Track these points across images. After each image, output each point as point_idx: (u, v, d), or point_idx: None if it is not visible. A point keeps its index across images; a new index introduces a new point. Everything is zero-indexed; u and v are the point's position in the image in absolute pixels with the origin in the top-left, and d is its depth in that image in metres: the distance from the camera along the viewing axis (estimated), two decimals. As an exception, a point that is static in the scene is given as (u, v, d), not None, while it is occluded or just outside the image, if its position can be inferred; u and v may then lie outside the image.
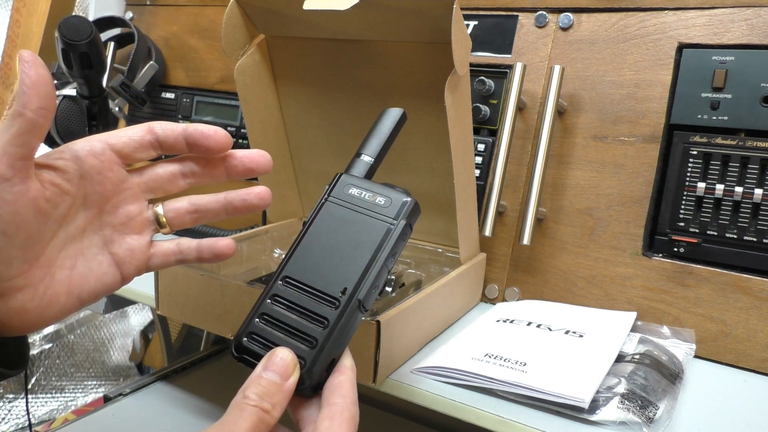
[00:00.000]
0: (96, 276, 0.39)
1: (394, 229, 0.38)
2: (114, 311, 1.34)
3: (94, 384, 1.41)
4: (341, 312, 0.35)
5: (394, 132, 0.44)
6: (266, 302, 0.36)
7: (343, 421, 0.33)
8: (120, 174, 0.39)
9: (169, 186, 0.42)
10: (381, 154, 0.43)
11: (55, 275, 0.37)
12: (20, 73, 0.31)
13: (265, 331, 0.35)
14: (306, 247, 0.38)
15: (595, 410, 0.46)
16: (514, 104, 0.67)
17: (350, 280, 0.36)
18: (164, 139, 0.39)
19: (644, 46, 0.65)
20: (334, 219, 0.39)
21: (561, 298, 0.67)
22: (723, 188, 0.60)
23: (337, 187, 0.40)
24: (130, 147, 0.39)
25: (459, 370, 0.50)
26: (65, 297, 0.37)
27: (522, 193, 0.69)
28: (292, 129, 0.76)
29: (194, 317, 0.59)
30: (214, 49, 0.96)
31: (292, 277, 0.37)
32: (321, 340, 0.35)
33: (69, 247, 0.38)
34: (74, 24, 0.75)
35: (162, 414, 0.78)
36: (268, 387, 0.33)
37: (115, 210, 0.40)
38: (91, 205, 0.38)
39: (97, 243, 0.39)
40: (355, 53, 0.66)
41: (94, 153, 0.38)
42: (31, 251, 0.35)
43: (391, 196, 0.39)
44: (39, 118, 0.32)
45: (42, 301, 0.36)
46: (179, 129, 0.40)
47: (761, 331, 0.57)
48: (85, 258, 0.38)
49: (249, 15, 0.64)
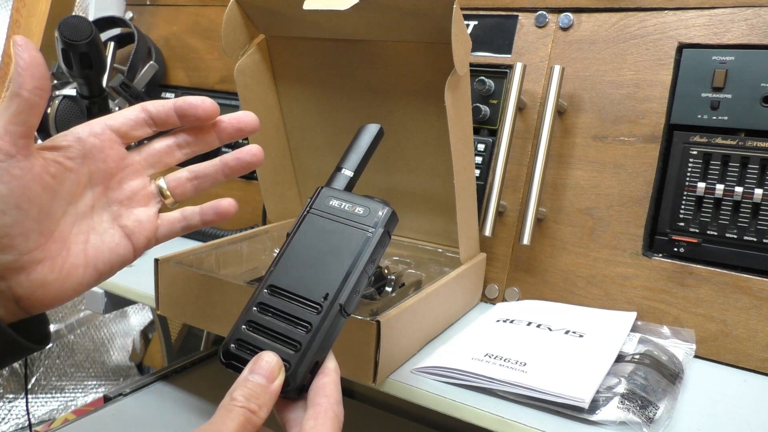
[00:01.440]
0: (109, 248, 0.41)
1: (372, 237, 0.40)
2: (114, 311, 1.34)
3: (94, 384, 1.41)
4: (324, 317, 0.37)
5: (371, 147, 0.46)
6: (253, 310, 0.38)
7: (327, 420, 0.34)
8: (120, 152, 0.42)
9: (168, 159, 0.44)
10: (360, 168, 0.45)
11: (71, 249, 0.39)
12: (14, 56, 0.34)
13: (252, 337, 0.37)
14: (289, 257, 0.40)
15: (595, 410, 0.46)
16: (514, 104, 0.67)
17: (332, 286, 0.38)
18: (156, 115, 0.42)
19: (644, 46, 0.65)
20: (316, 229, 0.41)
21: (561, 298, 0.67)
22: (723, 188, 0.60)
23: (319, 200, 0.42)
24: (127, 126, 0.42)
25: (459, 370, 0.50)
26: (83, 269, 0.40)
27: (522, 193, 0.69)
28: (292, 129, 0.76)
29: (194, 317, 0.59)
30: (214, 49, 0.96)
31: (276, 285, 0.38)
32: (305, 344, 0.36)
33: (80, 224, 0.40)
34: (74, 24, 0.75)
35: (162, 414, 0.78)
36: (255, 389, 0.34)
37: (119, 186, 0.42)
38: (97, 182, 0.41)
39: (106, 219, 0.42)
40: (355, 53, 0.66)
41: (94, 133, 0.40)
42: (45, 225, 0.37)
43: (370, 207, 0.41)
44: (35, 97, 0.34)
45: (61, 274, 0.38)
46: (169, 104, 0.42)
47: (761, 331, 0.57)
48: (96, 232, 0.41)
49: (249, 15, 0.64)
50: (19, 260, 0.36)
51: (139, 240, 0.43)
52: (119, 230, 0.42)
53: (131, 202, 0.43)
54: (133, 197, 0.43)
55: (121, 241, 0.42)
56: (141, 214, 0.43)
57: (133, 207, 0.43)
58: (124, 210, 0.43)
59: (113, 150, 0.41)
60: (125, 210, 0.43)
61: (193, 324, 0.60)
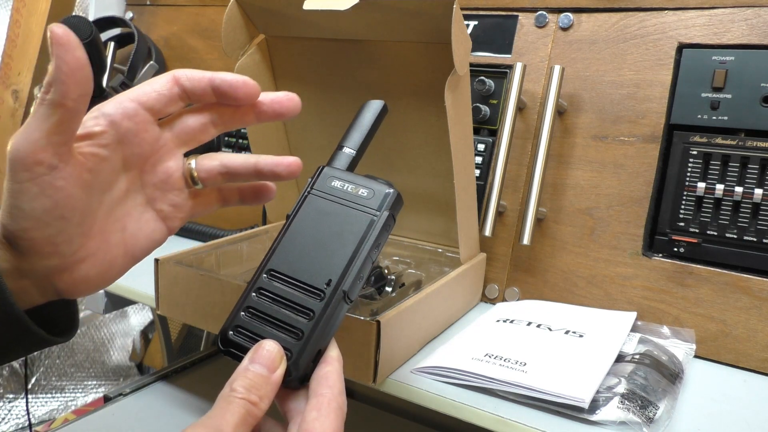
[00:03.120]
0: (145, 234, 0.40)
1: (377, 221, 0.38)
2: (114, 311, 1.34)
3: (94, 384, 1.41)
4: (326, 304, 0.36)
5: (375, 124, 0.44)
6: (251, 295, 0.36)
7: (331, 411, 0.33)
8: (154, 132, 0.39)
9: (202, 136, 0.41)
10: (363, 147, 0.43)
11: (111, 240, 0.38)
12: (55, 57, 0.30)
13: (251, 324, 0.36)
14: (290, 240, 0.38)
15: (595, 410, 0.46)
16: (514, 104, 0.67)
17: (335, 272, 0.36)
18: (192, 90, 0.39)
19: (644, 46, 0.65)
20: (318, 211, 0.39)
21: (561, 298, 0.67)
22: (723, 188, 0.60)
23: (320, 180, 0.40)
24: (161, 102, 0.38)
25: (459, 370, 0.50)
26: (122, 258, 0.39)
27: (522, 193, 0.69)
28: (292, 129, 0.76)
29: (194, 317, 0.59)
30: (214, 49, 0.96)
31: (276, 270, 0.37)
32: (307, 332, 0.35)
33: (116, 211, 0.38)
34: (74, 24, 0.75)
35: (162, 414, 0.78)
36: (255, 379, 0.33)
37: (153, 169, 0.40)
38: (131, 167, 0.39)
39: (141, 202, 0.40)
40: (355, 53, 0.66)
41: (128, 115, 0.37)
42: (86, 225, 0.36)
43: (374, 188, 0.39)
44: (80, 105, 0.32)
45: (102, 267, 0.37)
46: (206, 80, 0.39)
47: (761, 331, 0.57)
48: (132, 218, 0.39)
49: (249, 15, 0.64)
50: (63, 263, 0.35)
51: (174, 223, 0.41)
52: (154, 214, 0.40)
53: (165, 185, 0.40)
54: (167, 179, 0.40)
55: (157, 225, 0.40)
56: (176, 197, 0.41)
57: (168, 191, 0.41)
58: (159, 193, 0.40)
59: (147, 133, 0.38)
60: (160, 193, 0.40)
61: (193, 324, 0.60)
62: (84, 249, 0.36)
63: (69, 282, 0.36)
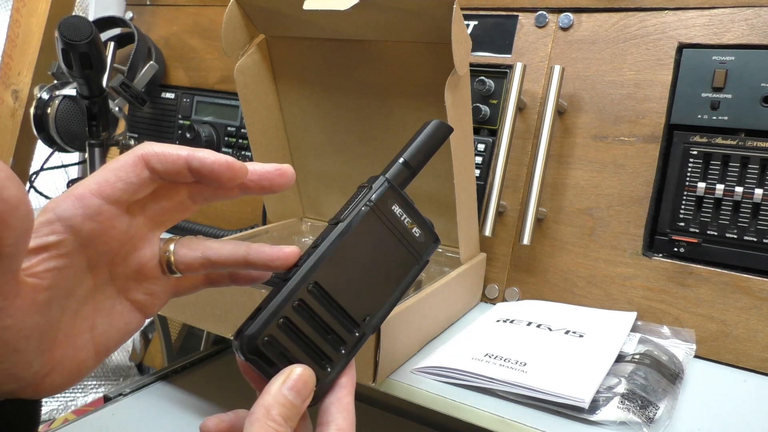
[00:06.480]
0: (117, 328, 0.35)
1: (418, 268, 0.38)
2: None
3: (94, 384, 1.41)
4: (359, 339, 0.35)
5: (437, 149, 0.42)
6: (292, 307, 0.33)
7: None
8: (123, 224, 0.33)
9: (179, 215, 0.36)
10: (421, 168, 0.41)
11: (78, 344, 0.33)
12: None
13: (285, 340, 0.33)
14: (341, 256, 0.35)
15: (596, 410, 0.46)
16: (514, 104, 0.67)
17: (374, 309, 0.36)
18: (165, 173, 0.33)
19: (644, 46, 0.65)
20: (373, 234, 0.36)
21: (561, 298, 0.67)
22: (723, 188, 0.60)
23: (383, 198, 0.37)
24: (129, 192, 0.32)
25: (459, 370, 0.50)
26: (93, 358, 0.34)
27: (522, 193, 0.69)
28: (292, 129, 0.76)
29: (194, 317, 0.58)
30: (214, 49, 0.96)
31: (322, 286, 0.34)
32: (336, 365, 0.34)
33: (82, 310, 0.33)
34: (74, 24, 0.75)
35: (162, 414, 0.78)
36: (291, 409, 0.31)
37: (125, 260, 0.34)
38: (98, 265, 0.33)
39: (111, 294, 0.35)
40: (355, 53, 0.66)
41: (90, 215, 0.31)
42: (47, 342, 0.31)
43: (425, 233, 0.38)
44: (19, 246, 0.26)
45: (71, 373, 0.33)
46: (182, 160, 0.33)
47: (761, 331, 0.57)
48: (102, 314, 0.34)
49: (249, 15, 0.64)
50: (24, 385, 0.31)
51: (152, 310, 0.36)
52: (128, 305, 0.35)
53: (139, 275, 0.35)
54: (141, 269, 0.35)
55: (132, 317, 0.35)
56: (153, 286, 0.36)
57: (143, 280, 0.35)
58: (133, 284, 0.35)
59: (115, 228, 0.33)
60: (134, 284, 0.35)
61: (193, 324, 0.60)
62: (48, 364, 0.32)
63: (34, 393, 0.32)
